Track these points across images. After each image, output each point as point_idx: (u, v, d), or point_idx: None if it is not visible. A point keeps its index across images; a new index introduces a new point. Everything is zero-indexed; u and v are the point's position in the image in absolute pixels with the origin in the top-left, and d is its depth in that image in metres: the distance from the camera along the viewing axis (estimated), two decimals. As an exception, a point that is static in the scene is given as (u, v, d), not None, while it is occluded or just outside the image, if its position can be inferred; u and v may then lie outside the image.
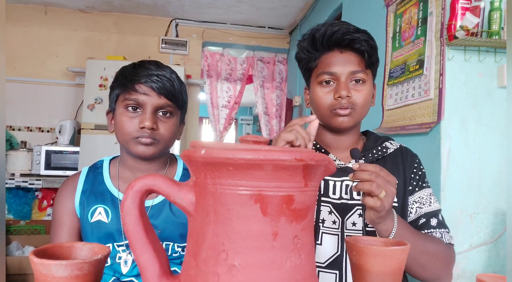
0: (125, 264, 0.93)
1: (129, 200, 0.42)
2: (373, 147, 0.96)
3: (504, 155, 1.54)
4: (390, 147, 0.97)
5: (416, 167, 0.96)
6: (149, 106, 0.91)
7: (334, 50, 0.89)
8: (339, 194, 0.91)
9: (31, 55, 3.60)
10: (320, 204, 0.91)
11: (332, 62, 0.89)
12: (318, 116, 0.93)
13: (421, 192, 0.93)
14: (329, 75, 0.89)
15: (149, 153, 0.92)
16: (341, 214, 0.90)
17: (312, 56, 0.92)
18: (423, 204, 0.92)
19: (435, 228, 0.90)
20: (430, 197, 0.93)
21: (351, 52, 0.89)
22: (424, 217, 0.91)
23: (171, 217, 0.95)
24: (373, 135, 1.01)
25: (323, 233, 0.89)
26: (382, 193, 0.71)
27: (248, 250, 0.39)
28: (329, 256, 0.88)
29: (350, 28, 0.88)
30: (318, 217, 0.90)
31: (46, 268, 0.41)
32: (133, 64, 0.96)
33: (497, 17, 1.45)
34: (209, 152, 0.38)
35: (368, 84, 0.90)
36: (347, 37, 0.87)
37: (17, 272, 2.63)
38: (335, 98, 0.87)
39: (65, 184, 1.01)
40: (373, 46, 0.90)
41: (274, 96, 4.24)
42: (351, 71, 0.88)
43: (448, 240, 0.89)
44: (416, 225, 0.91)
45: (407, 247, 0.51)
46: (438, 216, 0.92)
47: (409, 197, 0.93)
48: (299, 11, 3.60)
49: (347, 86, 0.87)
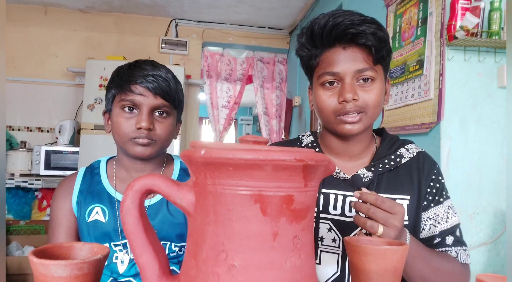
0: (121, 264, 0.93)
1: (129, 200, 0.42)
2: (386, 154, 0.85)
3: (504, 155, 1.54)
4: (405, 154, 0.85)
5: (433, 179, 0.84)
6: (145, 107, 0.91)
7: (336, 46, 0.77)
8: (341, 210, 0.82)
9: (31, 55, 3.60)
10: (319, 220, 0.83)
11: (335, 60, 0.77)
12: (322, 121, 0.84)
13: (437, 207, 0.83)
14: (332, 76, 0.77)
15: (146, 153, 0.92)
16: (342, 232, 0.81)
17: (312, 53, 0.80)
18: (439, 222, 0.82)
19: (451, 246, 0.82)
20: (447, 212, 0.83)
21: (355, 48, 0.77)
22: (439, 236, 0.82)
23: (168, 217, 0.95)
24: (388, 138, 0.88)
25: (321, 251, 0.83)
26: (379, 230, 0.63)
27: (248, 250, 0.39)
28: (328, 276, 0.82)
29: (354, 19, 0.75)
30: (316, 235, 0.83)
31: (46, 268, 0.41)
32: (128, 65, 0.95)
33: (497, 17, 1.45)
34: (209, 152, 0.38)
35: (378, 82, 0.79)
36: (350, 31, 0.75)
37: (17, 272, 2.63)
38: (340, 102, 0.77)
39: (62, 184, 1.01)
40: (381, 38, 0.77)
41: (274, 96, 4.24)
42: (357, 69, 0.76)
43: (464, 260, 0.82)
44: (430, 244, 0.83)
45: (399, 248, 0.50)
46: (455, 232, 0.83)
47: (422, 213, 0.83)
48: (299, 11, 3.60)
49: (352, 88, 0.76)
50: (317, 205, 0.84)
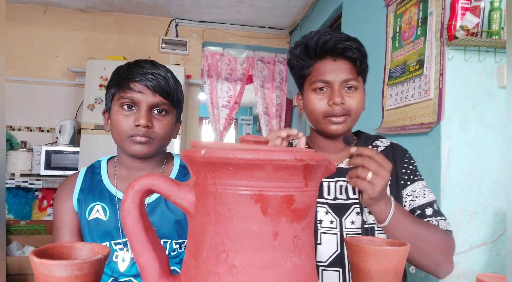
0: (122, 262, 0.93)
1: (129, 200, 0.42)
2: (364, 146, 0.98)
3: (504, 155, 1.54)
4: (380, 145, 1.01)
5: (406, 162, 0.99)
6: (144, 104, 0.91)
7: (327, 58, 0.92)
8: (334, 194, 0.95)
9: (31, 55, 3.60)
10: (316, 205, 0.93)
11: (326, 70, 0.92)
12: (312, 122, 0.97)
13: (413, 185, 0.96)
14: (323, 83, 0.92)
15: (144, 152, 0.92)
16: (338, 214, 0.92)
17: (305, 63, 0.95)
18: (416, 197, 0.94)
19: (431, 216, 0.92)
20: (424, 189, 0.96)
21: (343, 60, 0.92)
22: (419, 209, 0.93)
23: (167, 214, 0.96)
24: (363, 135, 1.05)
25: (321, 233, 0.92)
26: (368, 175, 0.76)
27: (249, 250, 0.39)
28: (329, 254, 0.90)
29: (341, 36, 0.91)
30: (315, 218, 0.92)
31: (46, 268, 0.41)
32: (128, 64, 0.96)
33: (497, 17, 1.45)
34: (209, 152, 0.38)
35: (360, 91, 0.94)
36: (339, 46, 0.90)
37: (17, 272, 2.63)
38: (329, 105, 0.91)
39: (64, 184, 1.01)
40: (363, 53, 0.94)
41: (274, 96, 4.24)
42: (344, 79, 0.91)
43: (445, 227, 0.91)
44: None
45: (400, 248, 0.50)
46: (433, 205, 0.94)
47: (402, 191, 0.95)
48: (299, 11, 3.60)
49: (340, 93, 0.91)
50: None
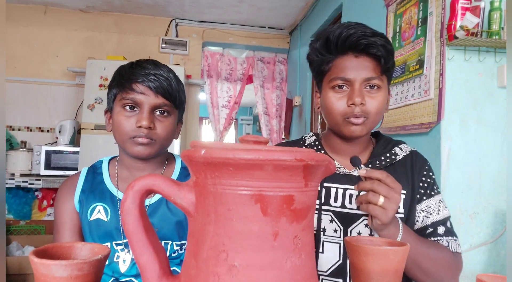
0: (123, 263, 0.93)
1: (129, 200, 0.42)
2: (382, 153, 0.93)
3: (504, 155, 1.54)
4: (399, 153, 0.93)
5: (425, 174, 0.92)
6: (146, 106, 0.91)
7: (348, 54, 0.85)
8: (341, 202, 0.88)
9: (31, 55, 3.60)
10: (321, 212, 0.89)
11: (347, 67, 0.84)
12: (329, 122, 0.90)
13: (429, 200, 0.90)
14: (343, 81, 0.84)
15: (145, 153, 0.92)
16: (343, 223, 0.87)
17: (325, 59, 0.87)
18: (430, 214, 0.89)
19: (442, 236, 0.87)
20: (438, 205, 0.90)
21: (366, 57, 0.84)
22: (431, 227, 0.88)
23: (168, 215, 0.96)
24: (383, 140, 0.96)
25: (324, 241, 0.88)
26: (380, 200, 0.71)
27: (249, 250, 0.39)
28: (331, 264, 0.87)
29: (366, 31, 0.82)
30: (319, 226, 0.88)
31: (46, 268, 0.41)
32: (130, 64, 0.96)
33: (497, 17, 1.45)
34: (209, 152, 0.38)
35: (383, 91, 0.86)
36: (362, 41, 0.82)
37: (17, 272, 2.63)
38: (348, 105, 0.83)
39: (65, 184, 1.01)
40: (390, 51, 0.85)
41: (274, 96, 4.24)
42: (366, 77, 0.83)
43: (455, 248, 0.86)
44: (423, 234, 0.88)
45: (401, 248, 0.50)
46: (446, 223, 0.89)
47: (416, 205, 0.90)
48: (299, 11, 3.60)
49: (361, 93, 0.83)
50: (319, 198, 0.90)
